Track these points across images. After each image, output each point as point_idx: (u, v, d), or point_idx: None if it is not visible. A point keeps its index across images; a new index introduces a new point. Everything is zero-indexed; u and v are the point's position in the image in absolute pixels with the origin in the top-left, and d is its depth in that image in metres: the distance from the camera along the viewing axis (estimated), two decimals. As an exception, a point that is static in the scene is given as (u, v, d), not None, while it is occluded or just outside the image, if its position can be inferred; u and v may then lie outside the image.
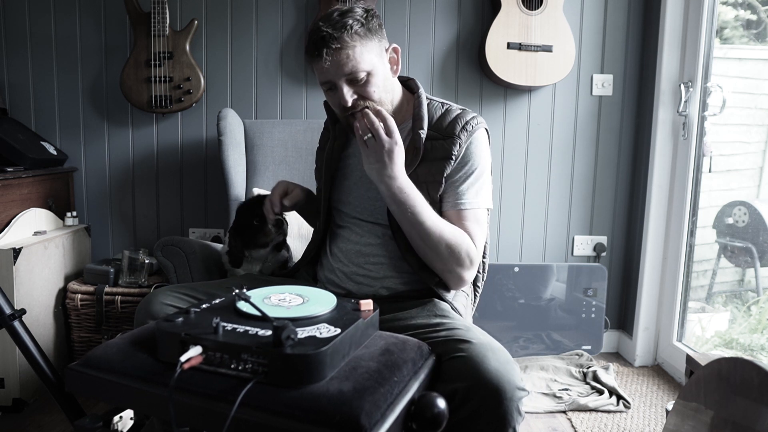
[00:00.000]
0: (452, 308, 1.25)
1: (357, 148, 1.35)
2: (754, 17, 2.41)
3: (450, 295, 1.27)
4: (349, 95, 1.18)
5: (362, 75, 1.17)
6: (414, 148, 1.23)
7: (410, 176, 1.20)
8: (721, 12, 2.27)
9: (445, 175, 1.22)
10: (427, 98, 1.31)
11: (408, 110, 1.30)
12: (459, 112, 1.27)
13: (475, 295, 1.43)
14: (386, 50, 1.23)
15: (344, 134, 1.36)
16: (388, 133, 1.12)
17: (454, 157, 1.21)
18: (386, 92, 1.23)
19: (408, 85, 1.34)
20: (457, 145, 1.21)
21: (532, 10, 2.21)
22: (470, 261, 1.21)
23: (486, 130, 1.29)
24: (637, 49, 2.40)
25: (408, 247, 1.22)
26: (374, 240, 1.28)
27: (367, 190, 1.29)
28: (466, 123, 1.23)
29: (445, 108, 1.29)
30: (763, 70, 2.49)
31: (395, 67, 1.26)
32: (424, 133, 1.23)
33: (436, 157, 1.22)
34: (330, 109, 1.36)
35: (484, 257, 1.37)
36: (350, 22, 1.14)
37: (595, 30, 2.39)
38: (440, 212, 1.23)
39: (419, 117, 1.24)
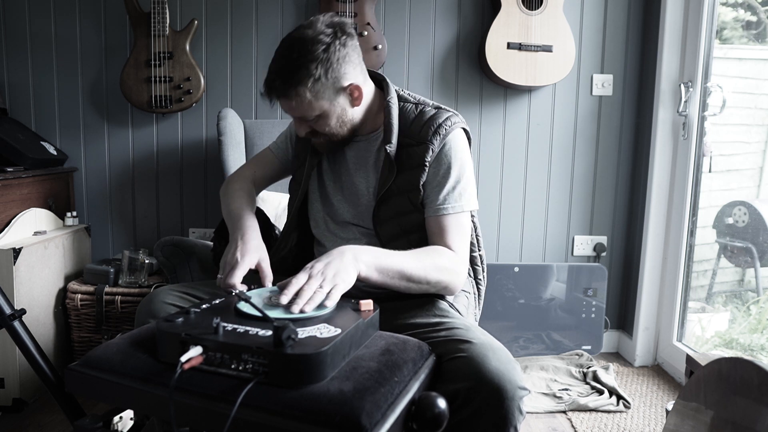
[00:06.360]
0: (451, 306, 1.24)
1: (341, 153, 1.33)
2: (753, 18, 2.42)
3: (450, 297, 1.26)
4: (302, 129, 1.21)
5: (312, 117, 1.17)
6: (388, 162, 1.21)
7: (390, 188, 1.21)
8: (721, 12, 2.27)
9: (421, 183, 1.20)
10: (401, 99, 1.27)
11: (380, 117, 1.26)
12: (433, 113, 1.23)
13: (478, 291, 1.41)
14: (344, 89, 1.16)
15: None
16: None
17: (427, 164, 1.20)
18: (341, 126, 1.20)
19: (380, 85, 1.28)
20: (430, 151, 1.19)
21: (532, 10, 2.21)
22: (452, 272, 1.17)
23: (463, 129, 1.26)
24: (637, 49, 2.40)
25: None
26: (366, 240, 1.27)
27: (350, 195, 1.29)
28: (439, 126, 1.20)
29: (419, 110, 1.25)
30: (763, 70, 2.49)
31: (357, 100, 1.19)
32: (391, 147, 1.20)
33: (412, 165, 1.21)
34: None
35: (480, 251, 1.37)
36: (302, 74, 1.09)
37: (595, 30, 2.39)
38: (422, 218, 1.22)
39: (389, 129, 1.21)
